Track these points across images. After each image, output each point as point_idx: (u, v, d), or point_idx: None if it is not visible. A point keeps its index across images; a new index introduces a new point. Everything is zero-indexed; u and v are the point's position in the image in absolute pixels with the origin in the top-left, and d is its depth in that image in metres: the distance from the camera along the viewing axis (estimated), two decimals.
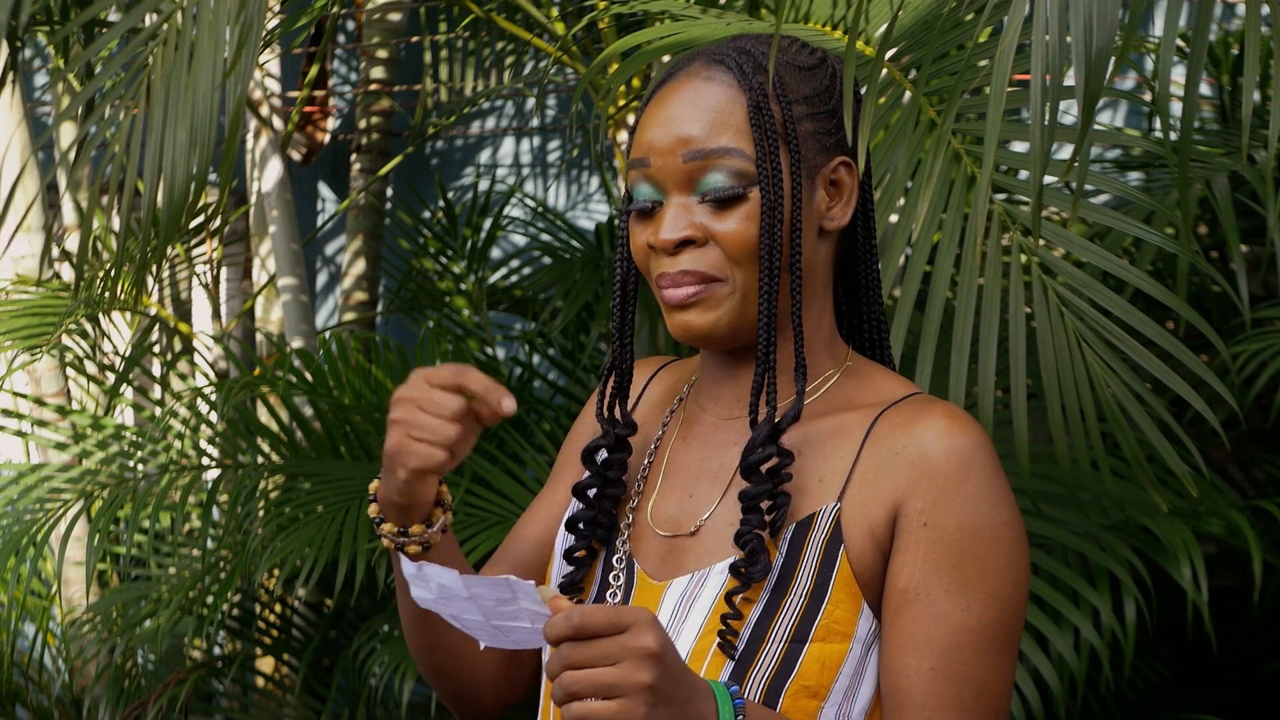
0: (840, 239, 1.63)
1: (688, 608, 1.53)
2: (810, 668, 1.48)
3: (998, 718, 1.49)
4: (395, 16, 4.50)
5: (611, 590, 1.58)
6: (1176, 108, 3.66)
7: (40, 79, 5.03)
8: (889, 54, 2.66)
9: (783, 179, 1.53)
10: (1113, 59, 1.36)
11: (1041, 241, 2.37)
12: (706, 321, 1.54)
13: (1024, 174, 2.83)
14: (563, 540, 1.67)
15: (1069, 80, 2.39)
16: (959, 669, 1.47)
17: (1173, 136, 2.76)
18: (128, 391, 4.09)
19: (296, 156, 4.65)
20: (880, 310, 1.66)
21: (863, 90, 1.67)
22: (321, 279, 4.95)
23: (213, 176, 4.32)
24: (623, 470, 1.62)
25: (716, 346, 1.57)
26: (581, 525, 1.61)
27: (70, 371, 4.10)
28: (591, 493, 1.63)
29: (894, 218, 2.61)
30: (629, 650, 1.32)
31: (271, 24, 4.05)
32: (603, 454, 1.65)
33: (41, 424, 3.89)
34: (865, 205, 1.63)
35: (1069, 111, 3.40)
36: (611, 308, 1.64)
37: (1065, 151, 3.34)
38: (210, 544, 3.72)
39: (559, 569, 1.65)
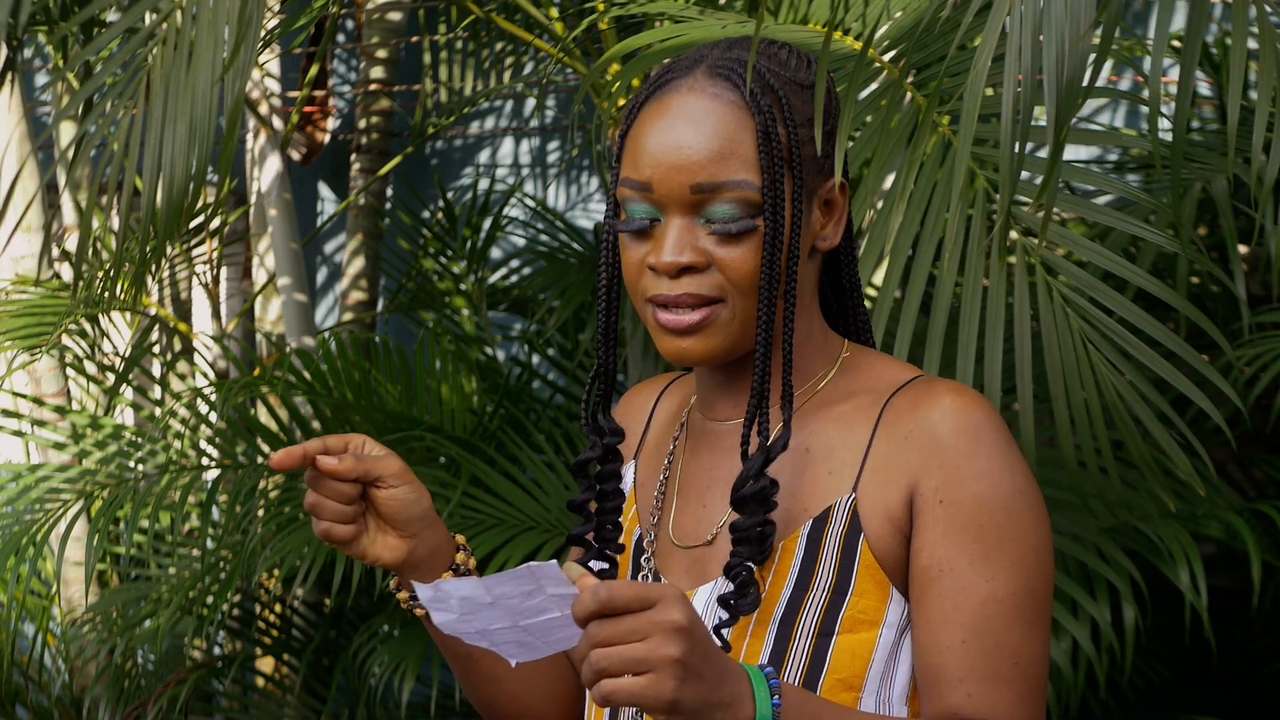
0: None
1: (713, 617, 1.53)
2: (841, 659, 1.48)
3: (1036, 686, 1.48)
4: (395, 16, 4.50)
5: None
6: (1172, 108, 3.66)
7: (41, 79, 5.03)
8: (888, 56, 2.66)
9: (785, 208, 1.51)
10: (1103, 61, 1.36)
11: (1044, 242, 2.37)
12: (703, 348, 1.53)
13: (1024, 174, 2.83)
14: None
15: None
16: (991, 640, 1.46)
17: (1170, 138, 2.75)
18: (127, 391, 4.09)
19: (296, 156, 4.65)
20: (863, 311, 1.66)
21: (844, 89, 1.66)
22: (321, 279, 4.95)
23: (213, 176, 4.32)
24: (618, 480, 1.62)
25: (709, 365, 1.57)
26: (586, 539, 1.61)
27: (70, 371, 4.09)
28: (593, 507, 1.62)
29: (896, 220, 2.60)
30: (657, 624, 1.30)
31: (271, 24, 4.05)
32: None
33: (41, 424, 3.89)
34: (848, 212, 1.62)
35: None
36: (598, 315, 1.62)
37: (1065, 152, 3.33)
38: (210, 544, 3.72)
39: None
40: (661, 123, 1.52)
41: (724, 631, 1.50)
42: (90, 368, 4.07)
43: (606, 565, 1.62)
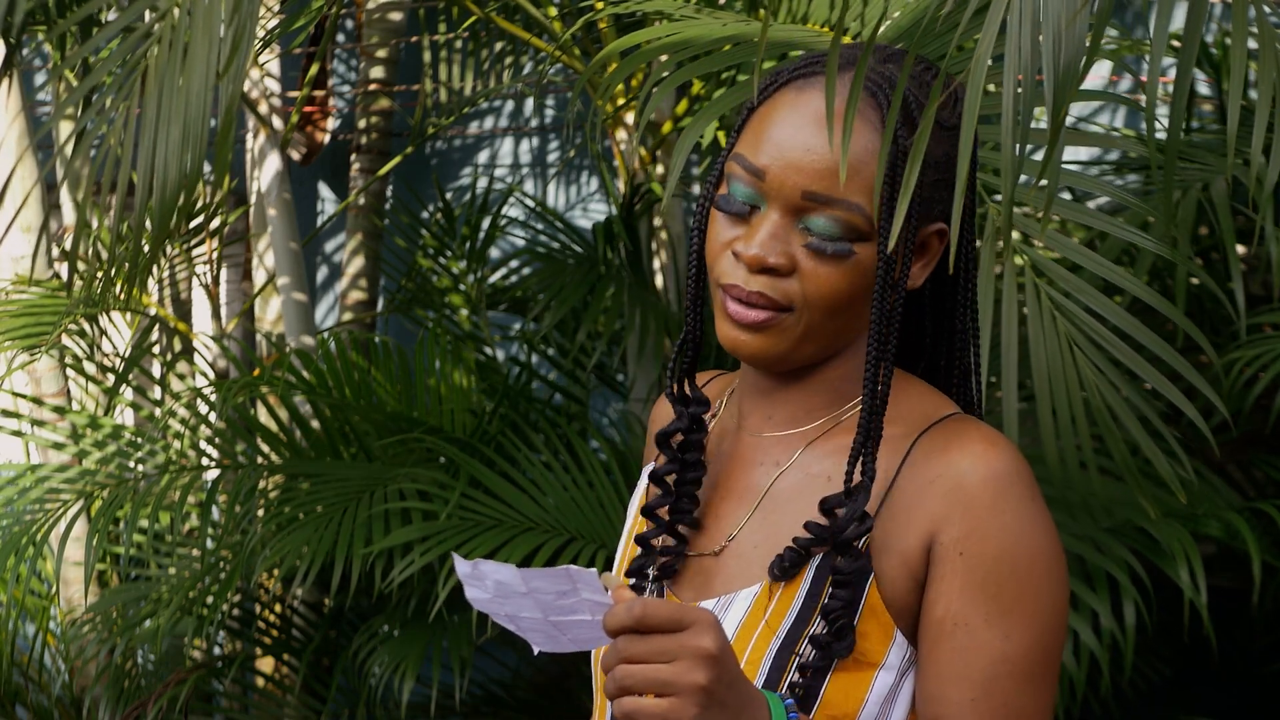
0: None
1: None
2: (834, 696, 1.46)
3: None
4: (395, 16, 4.49)
5: None
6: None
7: (40, 78, 5.04)
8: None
9: (897, 244, 1.47)
10: (1082, 65, 1.36)
11: (1038, 245, 2.37)
12: (759, 346, 1.49)
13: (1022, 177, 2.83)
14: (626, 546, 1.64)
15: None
16: (1000, 700, 1.44)
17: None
18: (127, 392, 4.09)
19: (296, 156, 4.65)
20: (973, 356, 1.60)
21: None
22: (321, 279, 4.95)
23: (211, 175, 4.32)
24: (700, 451, 1.58)
25: (760, 368, 1.54)
26: (657, 511, 1.57)
27: (70, 371, 4.10)
28: (671, 478, 1.58)
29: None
30: (687, 649, 1.30)
31: (271, 24, 4.05)
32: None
33: (40, 424, 3.89)
34: (970, 253, 1.57)
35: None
36: (686, 281, 1.59)
37: (1063, 154, 3.32)
38: (210, 544, 3.72)
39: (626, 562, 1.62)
40: (794, 116, 1.48)
41: (809, 673, 1.46)
42: (90, 368, 4.07)
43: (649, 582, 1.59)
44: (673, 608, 1.31)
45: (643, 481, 1.68)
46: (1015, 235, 2.40)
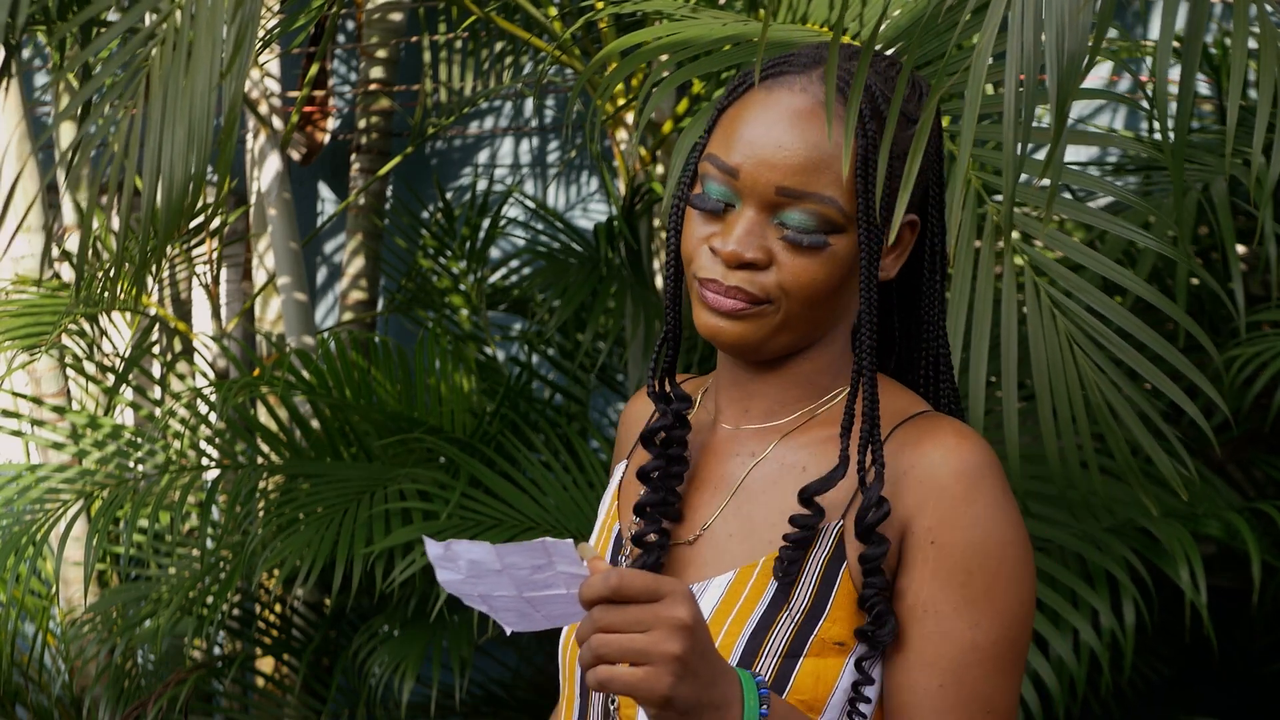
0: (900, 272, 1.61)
1: None
2: (804, 682, 1.48)
3: None
4: (395, 16, 4.50)
5: None
6: (1174, 108, 3.65)
7: (41, 79, 5.04)
8: (887, 53, 2.65)
9: (874, 235, 1.50)
10: (1086, 60, 1.36)
11: (1039, 244, 2.37)
12: (739, 333, 1.52)
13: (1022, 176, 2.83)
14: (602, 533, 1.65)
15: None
16: (969, 687, 1.46)
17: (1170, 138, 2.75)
18: (127, 391, 4.09)
19: (296, 156, 4.65)
20: (940, 347, 1.63)
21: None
22: (321, 279, 4.95)
23: (212, 176, 4.32)
24: (684, 447, 1.60)
25: (738, 356, 1.56)
26: (649, 508, 1.59)
27: (70, 371, 4.10)
28: (655, 475, 1.60)
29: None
30: (661, 619, 1.31)
31: (271, 24, 4.05)
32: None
33: (40, 424, 3.89)
34: (937, 245, 1.60)
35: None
36: (665, 281, 1.61)
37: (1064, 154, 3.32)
38: (210, 544, 3.73)
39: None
40: (765, 115, 1.51)
41: (865, 664, 1.48)
42: (90, 368, 4.07)
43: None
44: (648, 578, 1.32)
45: (613, 482, 1.70)
46: (1015, 234, 2.40)
